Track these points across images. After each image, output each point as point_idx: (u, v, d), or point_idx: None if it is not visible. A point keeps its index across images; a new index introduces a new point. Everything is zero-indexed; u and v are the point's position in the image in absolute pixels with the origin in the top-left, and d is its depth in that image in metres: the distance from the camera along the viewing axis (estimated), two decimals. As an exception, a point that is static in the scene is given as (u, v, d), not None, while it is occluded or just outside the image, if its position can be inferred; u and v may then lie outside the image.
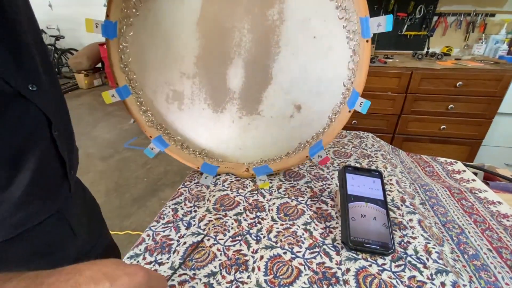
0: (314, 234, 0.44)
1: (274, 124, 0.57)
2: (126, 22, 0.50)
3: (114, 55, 0.51)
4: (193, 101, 0.58)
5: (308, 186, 0.58)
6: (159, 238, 0.44)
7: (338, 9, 0.44)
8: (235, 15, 0.48)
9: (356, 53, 0.46)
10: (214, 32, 0.50)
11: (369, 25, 0.41)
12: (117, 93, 0.53)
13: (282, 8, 0.47)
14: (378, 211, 0.44)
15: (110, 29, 0.48)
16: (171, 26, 0.51)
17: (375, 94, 1.75)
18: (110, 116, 3.24)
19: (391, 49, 2.12)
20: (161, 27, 0.51)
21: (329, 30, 0.46)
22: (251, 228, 0.46)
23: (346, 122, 0.49)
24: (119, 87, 0.53)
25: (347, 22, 0.44)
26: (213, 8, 0.48)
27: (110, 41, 0.49)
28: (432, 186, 0.62)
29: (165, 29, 0.51)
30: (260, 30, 0.49)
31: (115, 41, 0.50)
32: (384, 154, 0.72)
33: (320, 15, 0.45)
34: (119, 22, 0.49)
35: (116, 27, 0.49)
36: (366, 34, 0.42)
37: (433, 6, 1.92)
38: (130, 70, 0.54)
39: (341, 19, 0.45)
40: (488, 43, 1.93)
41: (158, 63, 0.54)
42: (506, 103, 1.64)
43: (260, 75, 0.52)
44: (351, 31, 0.45)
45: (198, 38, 0.51)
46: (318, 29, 0.47)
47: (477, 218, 0.52)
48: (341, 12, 0.44)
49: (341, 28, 0.45)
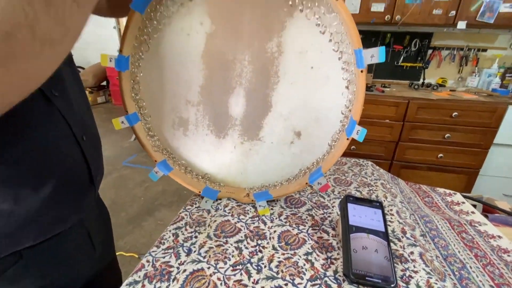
0: (315, 265, 0.44)
1: (275, 150, 0.58)
2: (138, 56, 0.53)
3: (126, 85, 0.54)
4: (197, 127, 0.59)
5: (309, 214, 0.58)
6: (158, 264, 0.43)
7: (331, 42, 0.47)
8: (237, 49, 0.52)
9: (352, 82, 0.48)
10: (217, 64, 0.53)
11: (362, 56, 0.43)
12: (126, 120, 0.55)
13: (280, 42, 0.50)
14: (379, 243, 0.44)
15: (122, 63, 0.51)
16: (178, 58, 0.54)
17: (373, 121, 1.80)
18: (112, 133, 3.26)
19: (388, 78, 2.20)
20: (169, 59, 0.54)
21: (325, 61, 0.49)
22: (252, 256, 0.46)
23: (345, 149, 0.50)
24: (129, 114, 0.55)
25: (341, 54, 0.47)
26: (216, 42, 0.52)
27: (122, 73, 0.52)
28: (432, 218, 0.62)
29: (173, 62, 0.54)
30: (260, 62, 0.52)
31: (127, 73, 0.53)
32: (384, 183, 0.73)
33: (316, 47, 0.48)
34: (131, 56, 0.52)
35: (128, 61, 0.52)
36: (360, 65, 0.44)
37: (427, 40, 2.03)
38: (140, 99, 0.56)
39: (336, 52, 0.48)
40: (481, 76, 2.02)
41: (166, 92, 0.56)
42: (501, 134, 1.68)
43: (260, 103, 0.55)
44: (346, 62, 0.48)
45: (202, 69, 0.54)
46: (315, 60, 0.50)
47: (478, 252, 0.52)
48: (335, 45, 0.47)
49: (337, 60, 0.48)
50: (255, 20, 0.49)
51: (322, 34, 0.47)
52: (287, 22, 0.48)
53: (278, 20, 0.48)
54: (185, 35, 0.52)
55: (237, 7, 0.49)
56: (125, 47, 0.51)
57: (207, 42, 0.52)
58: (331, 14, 0.45)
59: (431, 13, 1.74)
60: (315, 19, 0.46)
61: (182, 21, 0.51)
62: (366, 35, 2.10)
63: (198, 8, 0.50)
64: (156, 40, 0.53)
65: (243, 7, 0.49)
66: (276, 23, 0.49)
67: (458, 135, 1.73)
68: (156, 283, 0.40)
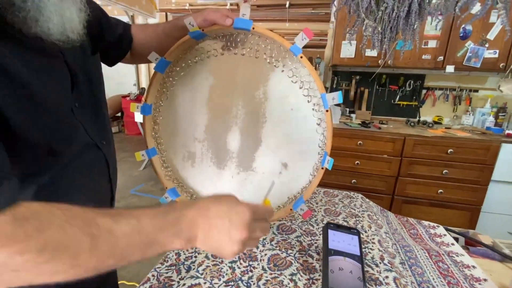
0: (298, 284, 0.50)
1: (266, 179, 0.67)
2: (158, 103, 0.68)
3: (148, 126, 0.68)
4: (202, 160, 0.70)
5: (298, 240, 0.64)
6: (162, 278, 0.50)
7: (302, 89, 0.59)
8: (233, 96, 0.65)
9: (322, 120, 0.58)
10: (218, 108, 0.67)
11: (326, 98, 0.53)
12: (146, 153, 0.67)
13: (265, 90, 0.62)
14: (354, 265, 0.50)
15: (146, 109, 0.66)
16: (188, 105, 0.68)
17: (371, 156, 1.87)
18: (122, 162, 3.40)
19: (386, 115, 2.32)
20: (182, 106, 0.68)
21: (301, 103, 0.60)
22: (243, 275, 0.52)
23: (321, 177, 0.58)
24: (148, 149, 0.67)
25: (311, 97, 0.58)
26: (217, 93, 0.66)
27: (146, 116, 0.65)
28: (413, 248, 0.67)
29: (184, 108, 0.68)
30: (251, 106, 0.64)
31: (150, 117, 0.66)
32: (371, 215, 0.79)
33: (293, 93, 0.60)
34: (153, 103, 0.67)
35: (151, 107, 0.66)
36: (326, 106, 0.54)
37: (420, 81, 2.17)
38: (158, 137, 0.69)
39: (306, 96, 0.59)
40: (475, 115, 2.11)
41: (179, 131, 0.69)
42: (498, 171, 1.72)
43: (252, 139, 0.66)
44: (316, 104, 0.58)
45: (206, 113, 0.67)
46: (293, 103, 0.61)
47: (451, 280, 0.57)
48: (305, 90, 0.58)
49: (307, 102, 0.59)
50: (246, 74, 0.63)
51: (294, 83, 0.59)
52: (270, 75, 0.61)
53: (262, 73, 0.61)
54: (194, 88, 0.67)
55: (232, 65, 0.63)
56: (149, 97, 0.65)
57: (210, 92, 0.66)
58: (300, 67, 0.57)
59: (421, 58, 1.90)
60: (288, 71, 0.59)
61: (192, 77, 0.65)
62: (363, 76, 2.27)
63: (203, 67, 0.65)
64: (172, 92, 0.66)
65: (236, 65, 0.63)
66: (262, 76, 0.62)
67: (455, 171, 1.78)
68: (159, 294, 0.47)
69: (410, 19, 0.58)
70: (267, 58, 0.60)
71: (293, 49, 0.52)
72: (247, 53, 0.61)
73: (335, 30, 2.03)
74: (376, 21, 0.62)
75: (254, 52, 0.60)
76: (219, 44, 0.62)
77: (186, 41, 0.59)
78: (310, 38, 0.50)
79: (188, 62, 0.65)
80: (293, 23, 3.52)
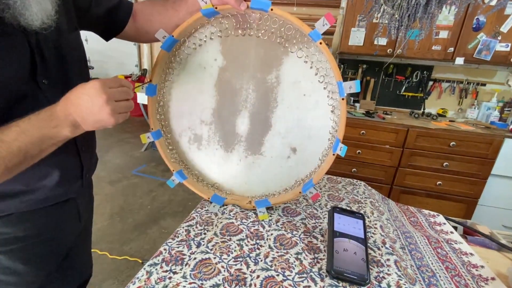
0: (303, 262, 0.52)
1: (274, 163, 0.68)
2: (163, 84, 0.67)
3: (153, 107, 0.67)
4: (209, 143, 0.70)
5: (303, 222, 0.66)
6: (174, 252, 0.52)
7: (317, 75, 0.58)
8: (243, 79, 0.64)
9: (336, 108, 0.59)
10: (227, 91, 0.66)
11: (343, 87, 0.54)
12: (151, 135, 0.67)
13: (278, 74, 0.62)
14: (358, 247, 0.52)
15: (151, 90, 0.65)
16: (195, 87, 0.67)
17: (373, 146, 1.88)
18: (123, 142, 3.42)
19: (390, 106, 2.30)
20: (188, 87, 0.67)
21: (314, 89, 0.60)
22: (251, 252, 0.54)
23: (331, 163, 0.60)
24: (153, 131, 0.67)
25: (327, 84, 0.58)
26: (227, 74, 0.65)
27: (150, 97, 0.65)
28: (413, 234, 0.70)
29: (191, 89, 0.67)
30: (262, 90, 0.64)
31: (154, 98, 0.66)
32: (373, 202, 0.81)
33: (307, 78, 0.60)
34: (158, 84, 0.66)
35: (156, 88, 0.66)
36: (342, 94, 0.55)
37: (428, 72, 2.15)
38: (163, 118, 0.69)
39: (321, 83, 0.59)
40: (480, 109, 2.10)
41: (185, 113, 0.69)
42: (498, 166, 1.74)
43: (262, 123, 0.66)
44: (331, 92, 0.59)
45: (215, 95, 0.67)
46: (306, 88, 0.61)
47: (449, 265, 0.59)
48: (321, 77, 0.58)
49: (323, 89, 0.59)
50: (258, 57, 0.62)
51: (310, 68, 0.59)
52: (284, 59, 0.60)
53: (276, 57, 0.61)
54: (202, 68, 0.65)
55: (244, 47, 0.62)
56: (154, 77, 0.64)
57: (219, 74, 0.65)
58: (317, 53, 0.57)
59: (431, 49, 1.87)
60: (304, 57, 0.58)
61: (200, 57, 0.64)
62: (370, 65, 2.24)
63: (213, 48, 0.63)
64: (178, 72, 0.66)
65: (249, 47, 0.62)
66: (275, 60, 0.61)
67: (456, 164, 1.79)
68: (171, 266, 0.49)
69: (429, 7, 0.57)
70: (282, 42, 0.59)
71: (312, 35, 0.52)
72: (262, 35, 0.60)
73: (345, 16, 1.98)
74: (394, 7, 0.61)
75: (269, 35, 0.59)
76: (231, 23, 0.61)
77: (198, 19, 0.58)
78: (332, 24, 0.50)
79: (197, 41, 0.63)
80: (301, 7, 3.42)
